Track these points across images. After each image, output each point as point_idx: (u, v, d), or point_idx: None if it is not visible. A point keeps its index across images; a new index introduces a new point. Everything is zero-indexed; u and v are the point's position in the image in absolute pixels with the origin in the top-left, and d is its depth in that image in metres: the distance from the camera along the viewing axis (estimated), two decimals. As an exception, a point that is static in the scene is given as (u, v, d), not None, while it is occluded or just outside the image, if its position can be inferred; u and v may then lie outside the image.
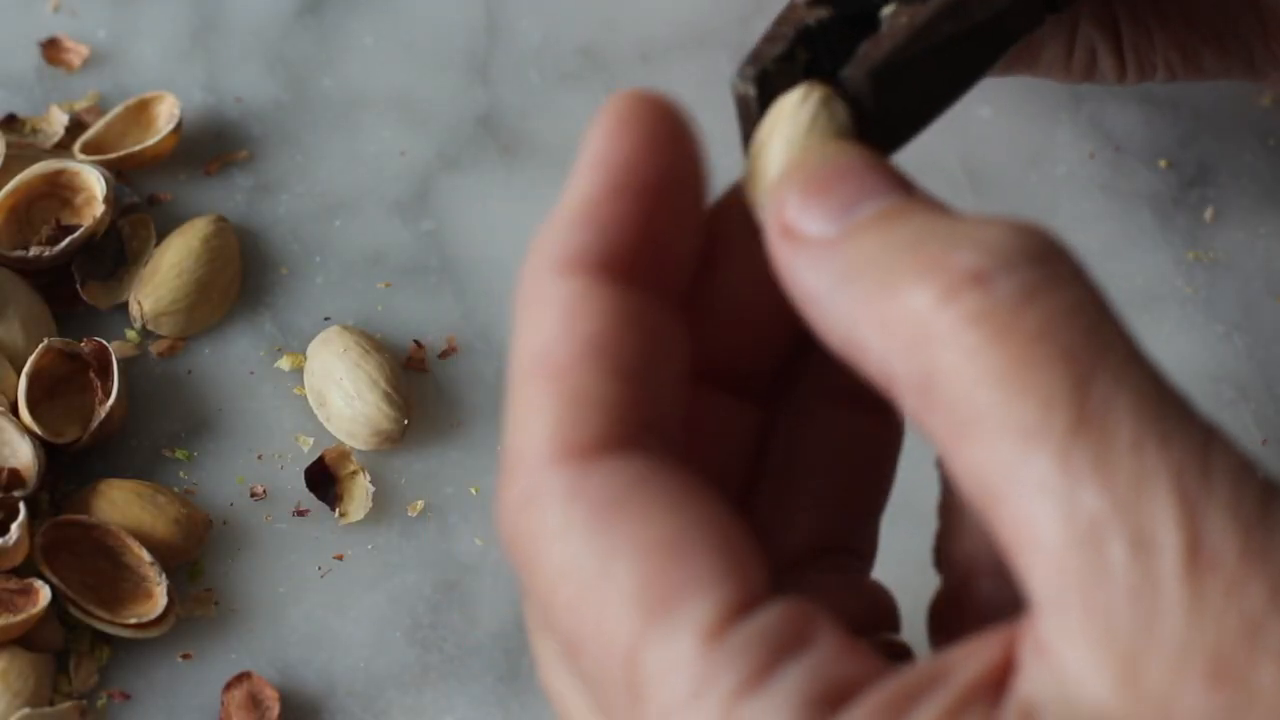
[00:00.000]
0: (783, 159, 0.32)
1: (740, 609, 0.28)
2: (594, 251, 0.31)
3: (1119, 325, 0.28)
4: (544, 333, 0.30)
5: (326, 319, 0.54)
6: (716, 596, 0.28)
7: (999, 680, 0.28)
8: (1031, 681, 0.27)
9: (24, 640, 0.47)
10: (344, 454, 0.51)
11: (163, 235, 0.54)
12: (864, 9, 0.34)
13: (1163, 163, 0.57)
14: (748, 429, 0.34)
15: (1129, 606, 0.27)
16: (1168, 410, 0.27)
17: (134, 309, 0.53)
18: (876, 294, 0.29)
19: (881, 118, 0.34)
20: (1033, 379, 0.27)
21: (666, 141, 0.31)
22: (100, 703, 0.47)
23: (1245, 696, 0.26)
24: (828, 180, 0.31)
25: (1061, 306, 0.28)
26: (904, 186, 0.31)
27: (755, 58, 0.34)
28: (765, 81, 0.34)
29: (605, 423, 0.30)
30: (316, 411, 0.52)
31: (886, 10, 0.34)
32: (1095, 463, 0.27)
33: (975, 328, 0.28)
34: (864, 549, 0.35)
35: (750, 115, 0.34)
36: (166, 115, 0.56)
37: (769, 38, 0.34)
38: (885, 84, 0.34)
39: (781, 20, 0.34)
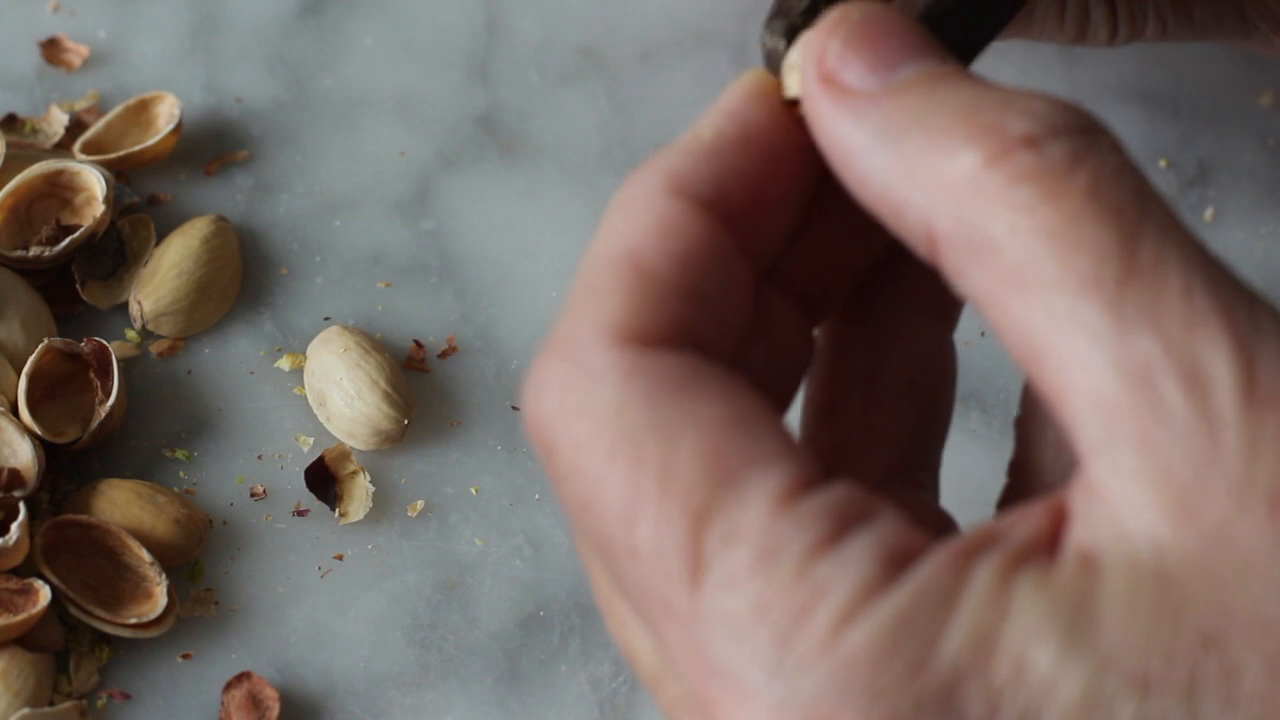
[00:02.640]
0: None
1: (807, 484, 0.29)
2: (707, 187, 0.31)
3: (1158, 192, 0.29)
4: (639, 234, 0.31)
5: (326, 319, 0.54)
6: (785, 468, 0.29)
7: (1053, 536, 0.28)
8: (1087, 528, 0.27)
9: (24, 640, 0.47)
10: (344, 454, 0.51)
11: (163, 235, 0.54)
12: None
13: (1163, 163, 0.57)
14: (809, 343, 0.35)
15: (1184, 441, 0.27)
16: (1212, 264, 0.28)
17: (134, 309, 0.53)
18: (924, 151, 0.29)
19: None
20: (1085, 233, 0.28)
21: (795, 129, 0.32)
22: (100, 703, 0.47)
23: None
24: (871, 35, 0.31)
25: (1108, 170, 0.28)
26: (943, 54, 0.31)
27: (781, 12, 0.34)
28: (793, 35, 0.34)
29: (674, 325, 0.30)
30: (316, 411, 0.52)
31: None
32: (1146, 309, 0.27)
33: (1028, 185, 0.28)
34: (928, 477, 0.35)
35: (779, 70, 0.34)
36: (166, 115, 0.56)
37: None
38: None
39: None
